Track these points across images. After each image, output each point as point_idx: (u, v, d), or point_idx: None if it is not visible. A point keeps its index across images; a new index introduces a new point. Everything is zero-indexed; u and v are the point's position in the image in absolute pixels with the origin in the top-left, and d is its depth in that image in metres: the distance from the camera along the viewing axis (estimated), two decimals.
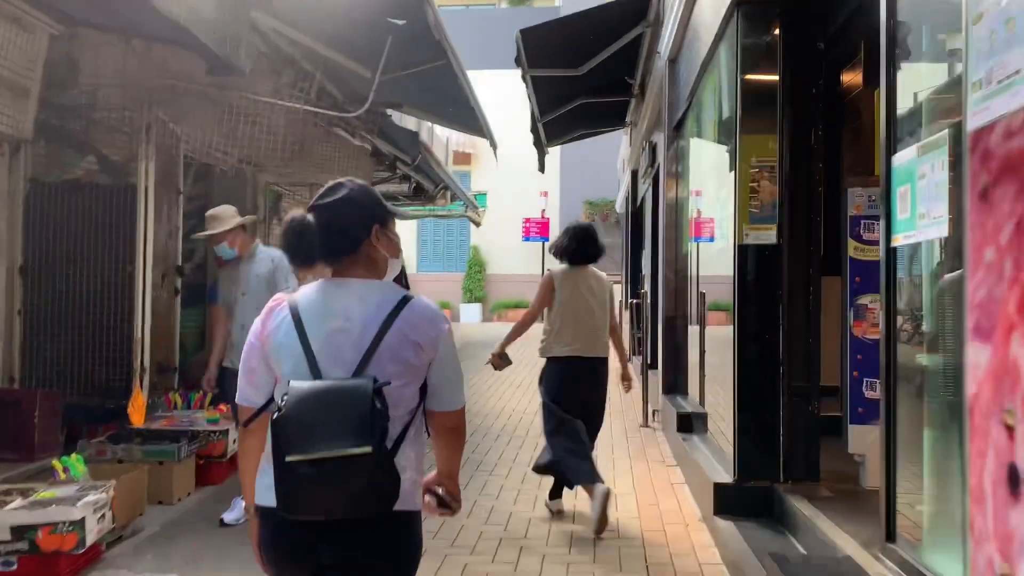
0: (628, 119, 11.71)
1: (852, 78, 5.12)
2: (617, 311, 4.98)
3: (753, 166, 4.13)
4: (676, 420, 5.87)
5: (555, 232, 21.86)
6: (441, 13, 5.71)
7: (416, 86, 7.89)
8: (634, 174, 12.12)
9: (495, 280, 21.82)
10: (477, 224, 17.72)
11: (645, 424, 7.13)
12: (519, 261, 21.59)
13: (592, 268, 4.74)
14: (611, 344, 4.81)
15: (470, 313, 21.40)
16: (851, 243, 3.98)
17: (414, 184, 13.57)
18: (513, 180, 21.56)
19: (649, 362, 7.78)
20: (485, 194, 17.68)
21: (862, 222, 3.97)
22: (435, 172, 11.64)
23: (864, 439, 3.92)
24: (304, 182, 9.90)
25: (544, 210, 21.07)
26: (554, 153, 21.81)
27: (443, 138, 15.00)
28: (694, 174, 6.25)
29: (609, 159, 20.32)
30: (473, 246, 21.98)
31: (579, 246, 4.65)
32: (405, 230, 21.98)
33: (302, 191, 10.51)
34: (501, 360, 4.87)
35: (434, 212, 17.77)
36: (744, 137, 4.15)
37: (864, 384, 3.94)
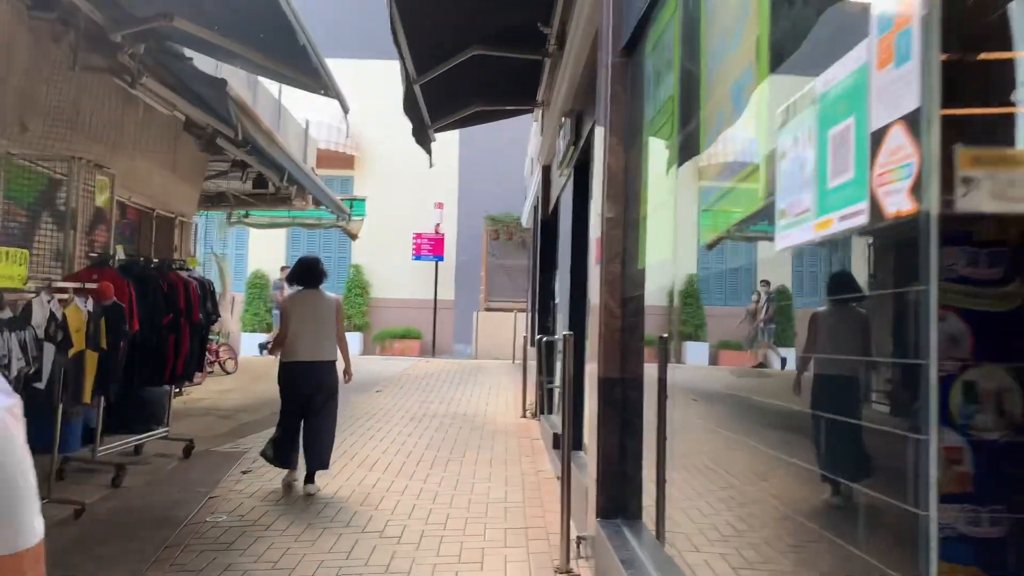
0: (540, 97, 8.88)
1: None
2: (344, 323, 6.15)
3: None
4: None
5: (450, 250, 18.89)
6: None
7: None
8: (546, 171, 9.26)
9: (380, 305, 18.55)
10: (352, 236, 14.48)
11: (566, 568, 4.08)
12: (408, 284, 18.43)
13: (320, 289, 6.00)
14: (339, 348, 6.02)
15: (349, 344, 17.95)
16: None
17: (253, 176, 10.27)
18: (403, 189, 18.48)
19: (570, 442, 4.81)
20: (363, 200, 14.52)
21: None
22: (272, 155, 8.41)
23: None
24: (63, 154, 6.47)
25: (439, 224, 18.02)
26: (451, 160, 18.92)
27: (300, 123, 11.74)
28: (678, 116, 3.34)
29: (515, 168, 17.55)
30: (354, 265, 18.65)
31: (303, 274, 6.02)
32: (271, 243, 18.45)
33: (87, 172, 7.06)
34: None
35: (297, 219, 14.45)
36: None
37: None
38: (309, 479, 5.72)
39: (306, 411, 5.77)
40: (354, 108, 18.51)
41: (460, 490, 5.75)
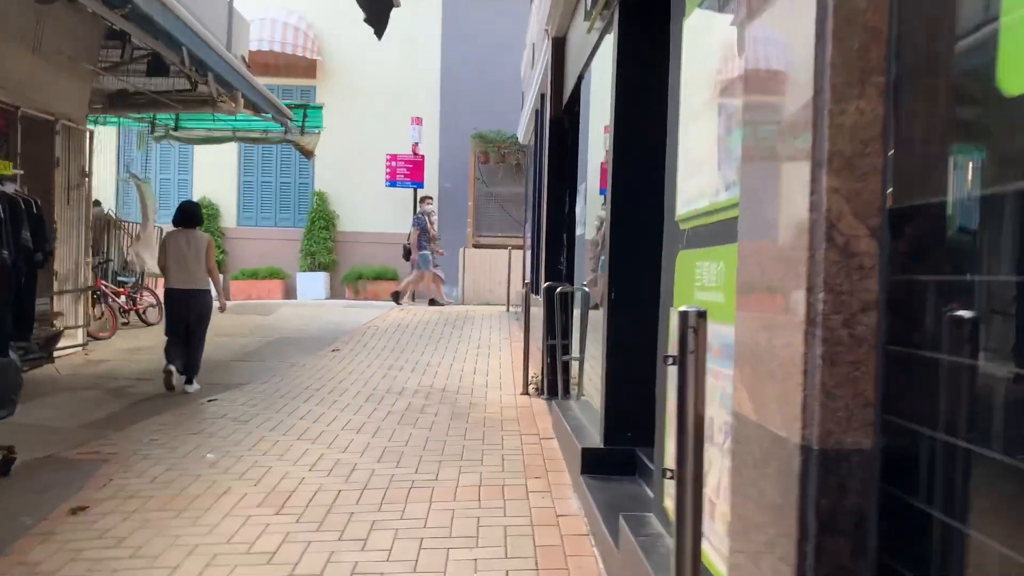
0: None
1: None
2: (213, 259, 7.13)
3: None
4: None
5: (431, 175, 16.01)
6: None
7: None
8: (559, 45, 6.46)
9: (348, 240, 15.84)
10: (307, 154, 11.65)
11: None
12: (382, 215, 15.68)
13: (195, 229, 7.06)
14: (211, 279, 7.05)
15: (312, 285, 15.35)
16: None
17: (144, 58, 7.41)
18: (375, 102, 15.56)
19: None
20: (319, 108, 11.61)
21: None
22: (148, 13, 5.56)
23: None
24: None
25: (416, 144, 15.16)
26: (431, 65, 15.88)
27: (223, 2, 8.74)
28: None
29: (507, 77, 14.63)
30: (317, 192, 15.84)
31: (181, 216, 7.09)
32: (220, 166, 15.59)
33: None
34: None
35: (239, 133, 11.60)
36: None
37: None
38: (188, 381, 6.89)
39: (184, 328, 6.89)
40: (316, 4, 15.46)
41: (424, 568, 3.20)
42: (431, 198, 14.20)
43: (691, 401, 1.55)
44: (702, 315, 1.50)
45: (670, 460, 2.38)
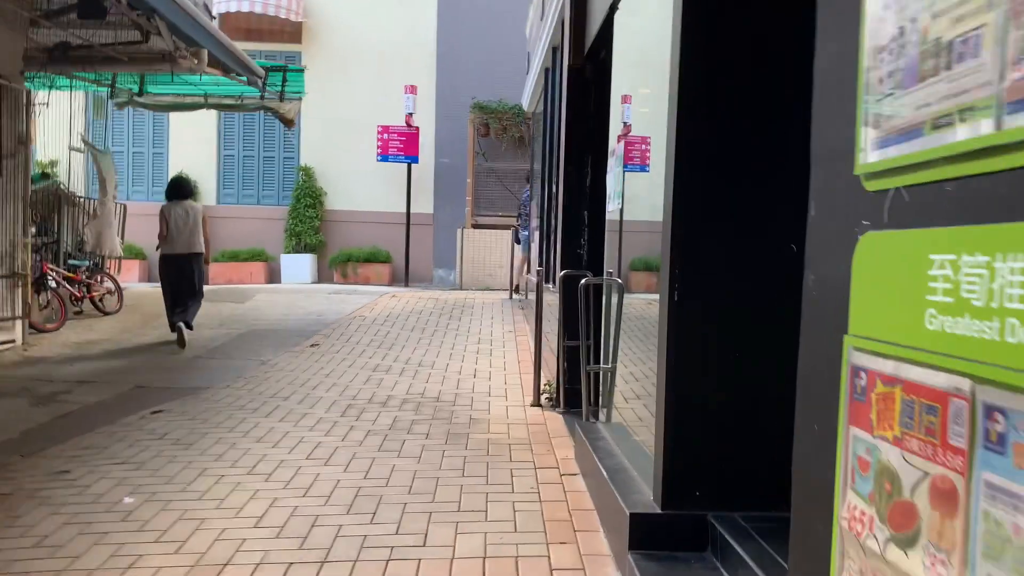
0: None
1: None
2: (207, 227, 8.03)
3: None
4: None
5: (427, 149, 14.74)
6: None
7: None
8: None
9: (337, 220, 14.61)
10: (287, 123, 10.36)
11: None
12: (374, 191, 14.45)
13: (189, 200, 7.96)
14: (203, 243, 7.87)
15: (297, 268, 14.13)
16: None
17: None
18: (366, 69, 14.28)
19: None
20: (301, 71, 10.30)
21: None
22: None
23: None
24: None
25: (411, 115, 13.88)
26: (426, 29, 14.61)
27: None
28: None
29: (510, 43, 13.34)
30: (303, 168, 14.58)
31: (174, 189, 7.98)
32: (199, 139, 14.34)
33: None
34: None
35: (211, 98, 10.32)
36: None
37: None
38: (188, 326, 7.73)
39: (180, 289, 7.75)
40: None
41: None
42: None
43: None
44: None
45: None
